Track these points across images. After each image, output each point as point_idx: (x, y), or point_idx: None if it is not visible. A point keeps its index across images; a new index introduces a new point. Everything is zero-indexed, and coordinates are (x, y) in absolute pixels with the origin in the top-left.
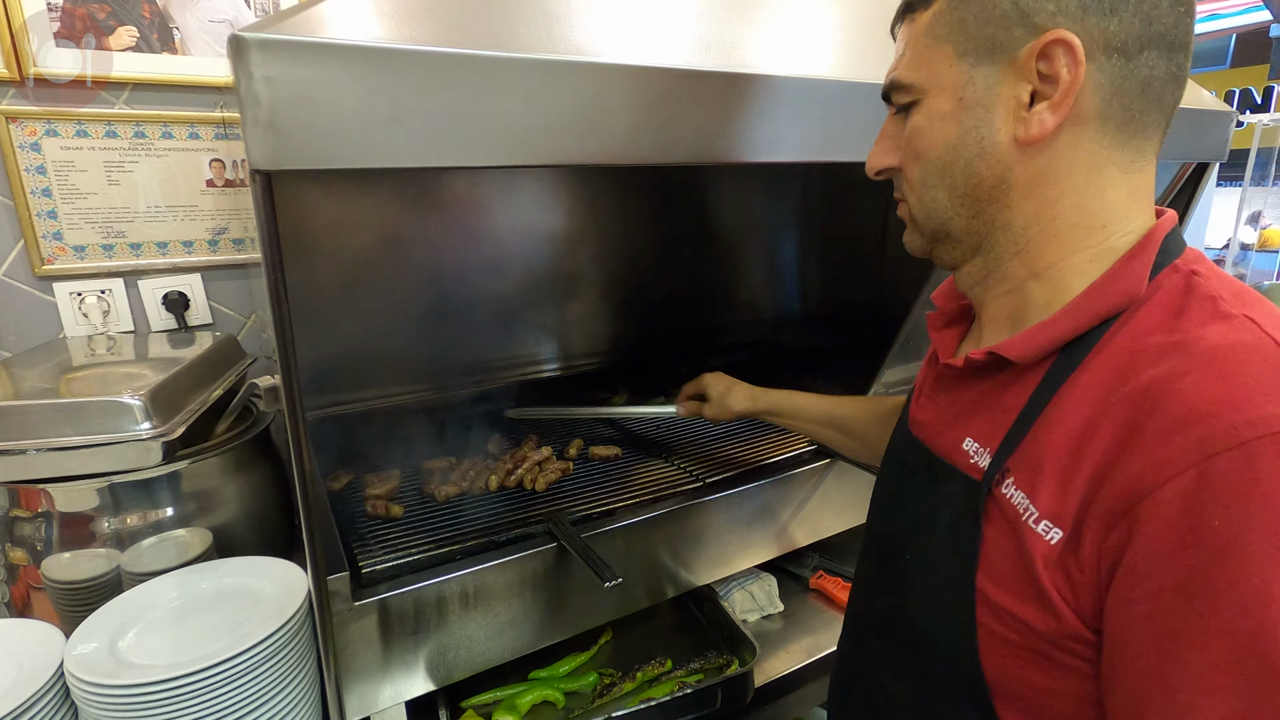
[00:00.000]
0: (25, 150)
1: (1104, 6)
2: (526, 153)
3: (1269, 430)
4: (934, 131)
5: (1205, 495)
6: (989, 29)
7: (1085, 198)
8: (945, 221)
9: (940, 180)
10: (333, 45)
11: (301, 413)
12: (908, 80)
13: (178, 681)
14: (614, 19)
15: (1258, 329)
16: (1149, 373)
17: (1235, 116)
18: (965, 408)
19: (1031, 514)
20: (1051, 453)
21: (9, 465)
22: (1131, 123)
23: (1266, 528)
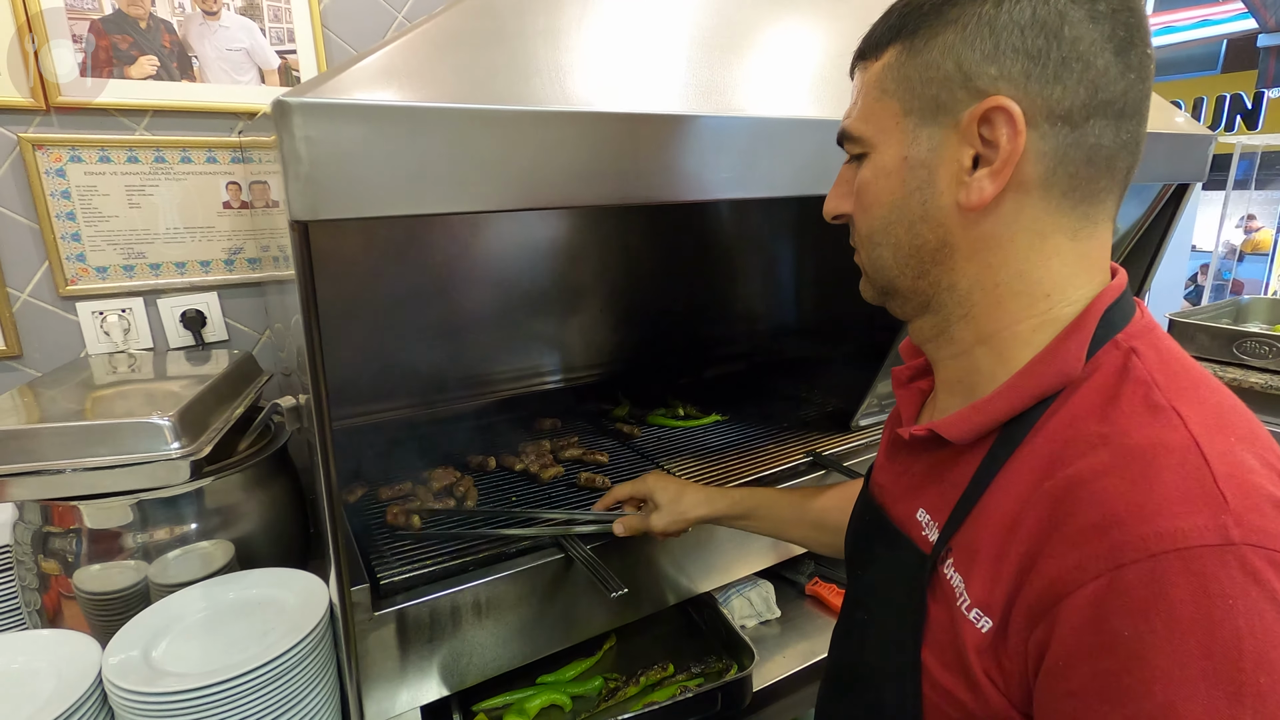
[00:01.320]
0: (50, 176)
1: (1048, 74)
2: (541, 197)
3: (1175, 545)
4: (879, 187)
5: (1115, 604)
6: (933, 89)
7: (1029, 265)
8: (892, 279)
9: (885, 238)
10: (365, 106)
11: (329, 437)
12: (857, 132)
13: (211, 689)
14: (617, 69)
15: (1182, 428)
16: (1074, 466)
17: (1214, 139)
18: (918, 478)
19: (965, 600)
20: (985, 540)
21: (47, 484)
22: (1078, 190)
23: (1170, 645)
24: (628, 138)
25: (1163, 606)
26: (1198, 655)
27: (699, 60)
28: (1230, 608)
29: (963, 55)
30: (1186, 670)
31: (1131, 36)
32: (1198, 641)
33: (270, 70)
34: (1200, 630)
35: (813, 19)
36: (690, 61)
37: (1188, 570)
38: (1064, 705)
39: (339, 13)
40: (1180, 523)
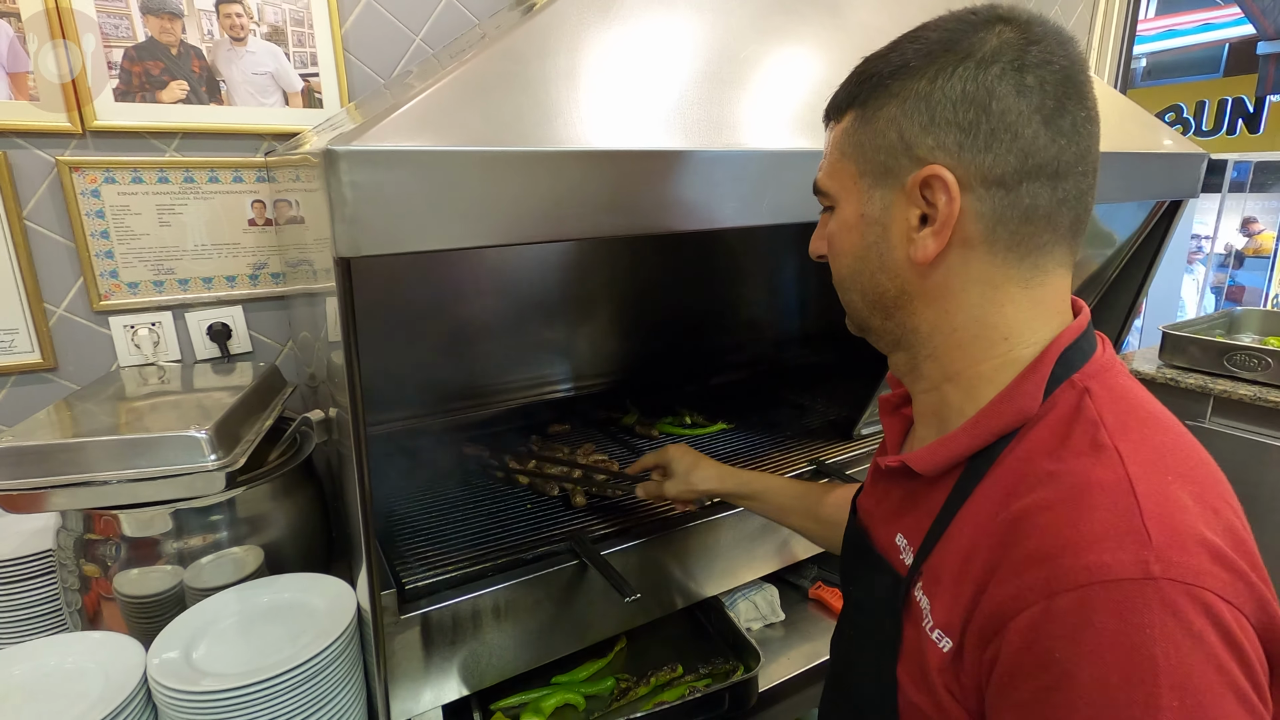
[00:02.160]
0: (86, 196)
1: (979, 144)
2: (565, 230)
3: (1100, 578)
4: (844, 239)
5: (1049, 628)
6: (881, 155)
7: (984, 312)
8: (864, 319)
9: (853, 284)
10: (404, 152)
11: (365, 450)
12: (824, 187)
13: (250, 688)
14: (633, 107)
15: (1120, 466)
16: (1023, 500)
17: (1206, 157)
18: (896, 505)
19: (929, 622)
20: (948, 566)
21: (91, 494)
22: (1022, 245)
23: (1094, 668)
24: (643, 173)
25: (1089, 633)
26: (1117, 679)
27: (707, 96)
28: (1148, 637)
29: (904, 126)
30: (1107, 692)
31: (1062, 105)
32: (1118, 666)
33: (294, 93)
34: (1120, 656)
35: (813, 53)
36: (700, 98)
37: (1111, 601)
38: (1010, 717)
39: (359, 37)
40: (1106, 557)
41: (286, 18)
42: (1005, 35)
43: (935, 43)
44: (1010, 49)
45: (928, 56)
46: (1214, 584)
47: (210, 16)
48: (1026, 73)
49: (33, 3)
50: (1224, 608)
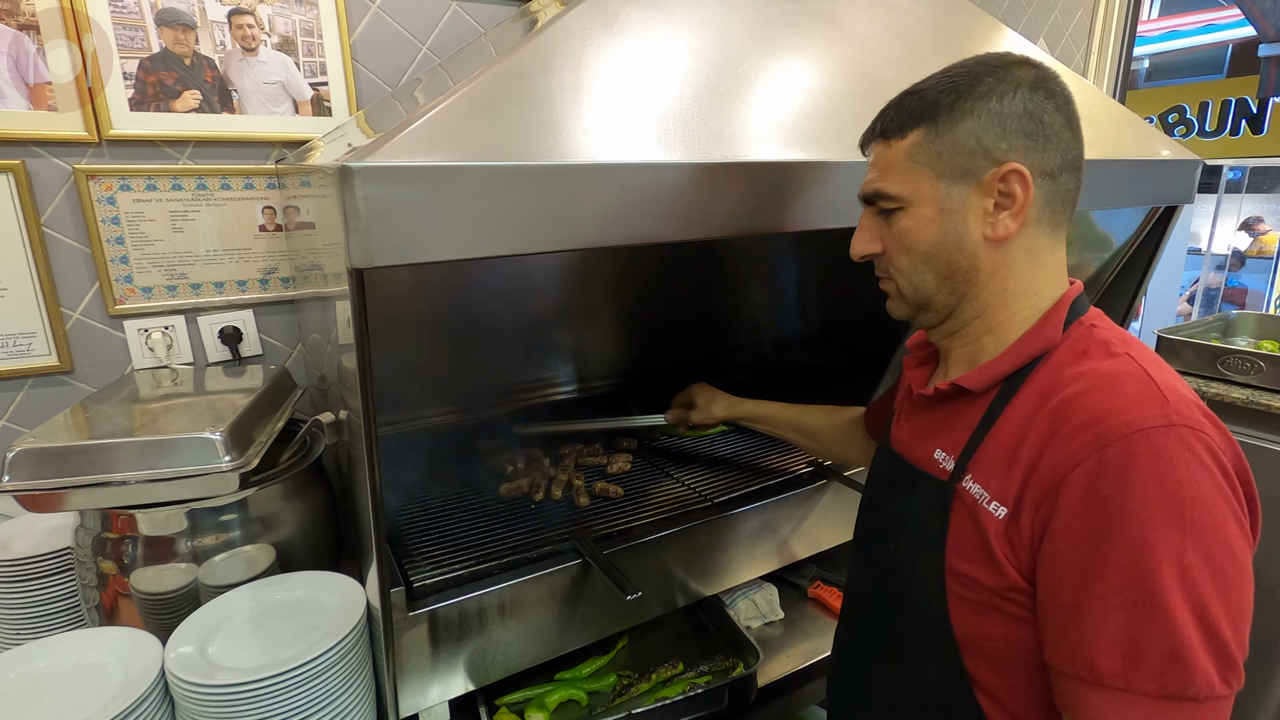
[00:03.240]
0: (102, 203)
1: (1038, 146)
2: (570, 239)
3: (1138, 428)
4: (921, 232)
5: (1101, 473)
6: (960, 160)
7: (1026, 275)
8: (930, 297)
9: (927, 267)
10: (415, 168)
11: (376, 453)
12: (894, 192)
13: (264, 682)
14: (635, 120)
15: (1134, 362)
16: (1063, 394)
17: (1200, 164)
18: (934, 426)
19: (985, 498)
20: (998, 455)
21: (110, 494)
22: (1055, 220)
23: (1138, 495)
24: (645, 185)
25: (1133, 470)
26: (1156, 500)
27: (707, 109)
28: (1175, 466)
29: (981, 136)
30: (1149, 509)
31: (1074, 118)
32: (1155, 490)
33: (304, 101)
34: (1157, 482)
35: (812, 67)
36: (700, 111)
37: (1147, 444)
38: (1065, 557)
39: (368, 47)
40: (1139, 413)
41: (296, 28)
42: (1030, 71)
43: (984, 74)
44: (1041, 80)
45: (985, 84)
46: (1210, 433)
47: (222, 27)
48: (1055, 96)
49: (50, 15)
50: (1220, 451)
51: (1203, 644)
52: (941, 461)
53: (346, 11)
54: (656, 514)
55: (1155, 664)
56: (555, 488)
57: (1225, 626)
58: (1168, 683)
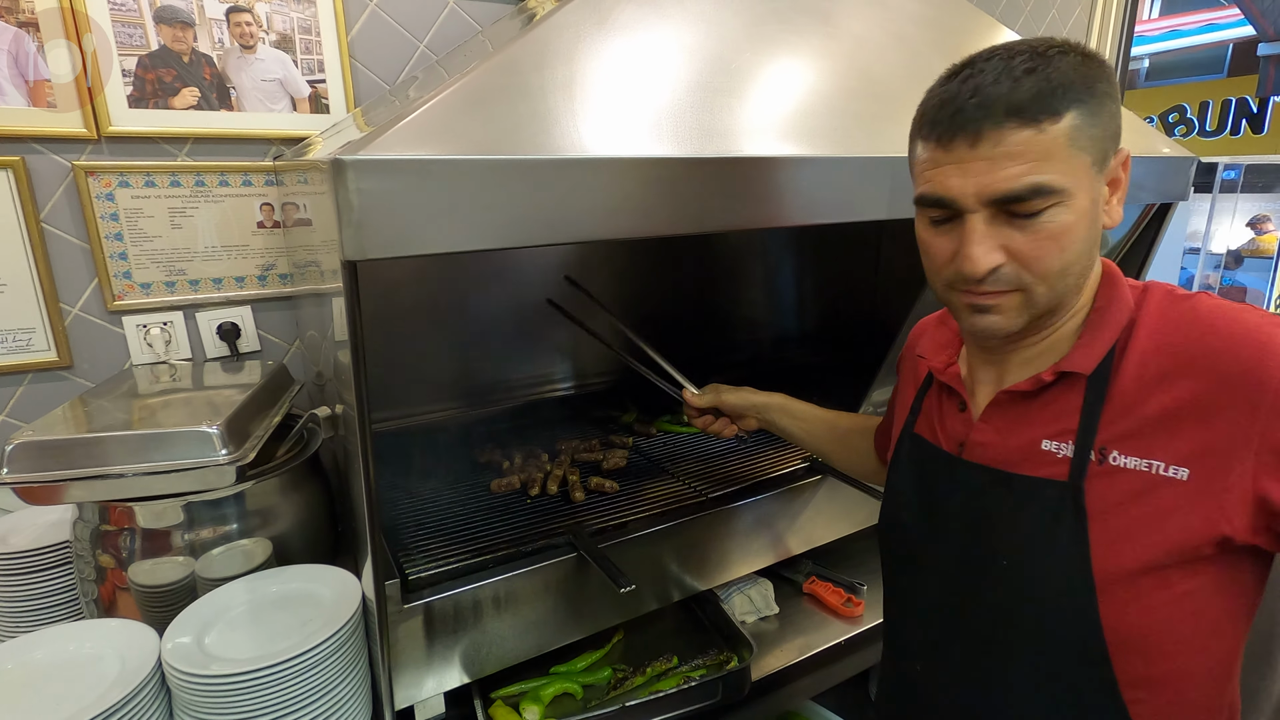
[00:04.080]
0: (101, 200)
1: (1119, 135)
2: (562, 233)
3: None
4: (1080, 226)
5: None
6: (1106, 144)
7: (1095, 257)
8: (1063, 298)
9: (1078, 267)
10: (408, 161)
11: (370, 446)
12: (1059, 185)
13: (259, 673)
14: (628, 115)
15: (1215, 297)
16: (1181, 338)
17: (1195, 161)
18: (1030, 421)
19: (1158, 466)
20: (1146, 426)
21: (107, 487)
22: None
23: None
24: (636, 179)
25: None
26: None
27: (700, 104)
28: None
29: (1118, 119)
30: None
31: None
32: None
33: (302, 98)
34: None
35: (803, 64)
36: (693, 106)
37: None
38: None
39: (365, 45)
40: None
41: (294, 26)
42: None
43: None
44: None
45: (1088, 63)
46: None
47: (221, 25)
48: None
49: (50, 14)
50: None
51: None
52: (1056, 452)
53: (344, 9)
54: (652, 509)
55: None
56: (551, 483)
57: None
58: None
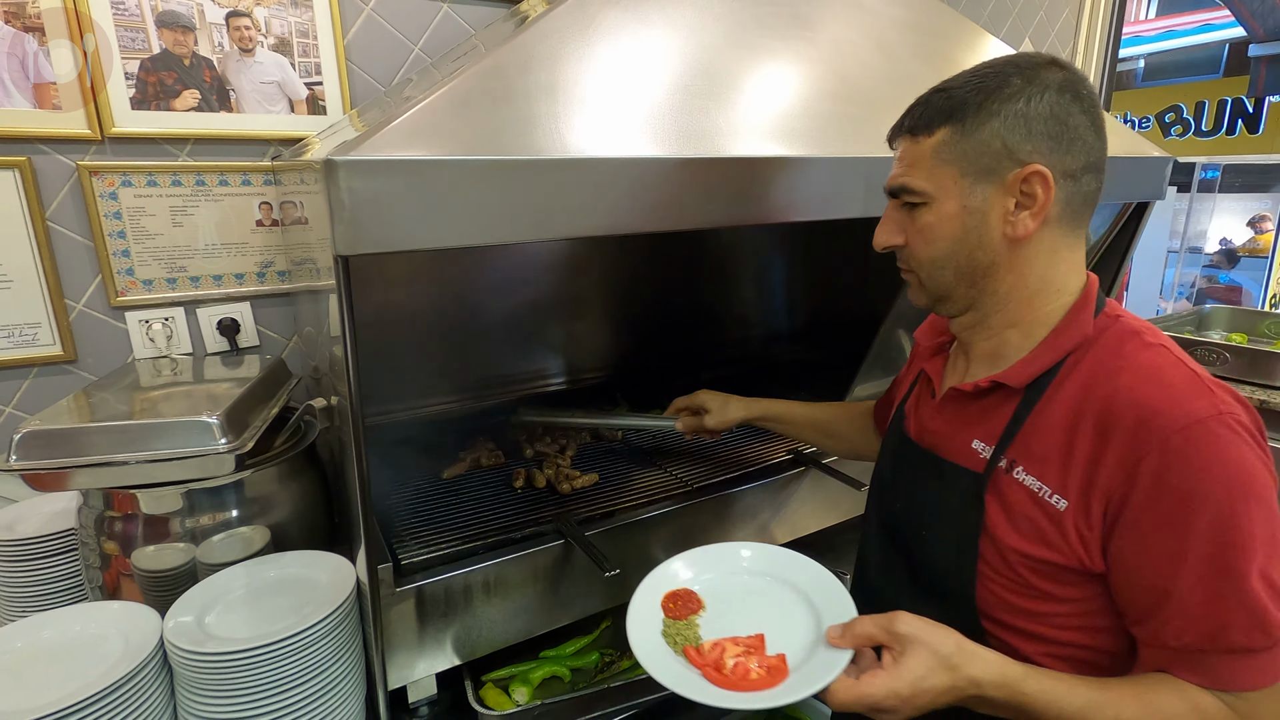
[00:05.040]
0: (104, 199)
1: (1062, 147)
2: (545, 230)
3: (1194, 420)
4: (943, 227)
5: (1168, 466)
6: (985, 160)
7: (1048, 272)
8: (948, 290)
9: (948, 262)
10: (397, 161)
11: (362, 436)
12: (919, 188)
13: (257, 651)
14: (608, 118)
15: (1170, 354)
16: (1109, 386)
17: (1171, 161)
18: (971, 419)
19: (1045, 491)
20: (1051, 449)
21: (111, 474)
22: (1076, 220)
23: (1209, 476)
24: (616, 178)
25: (1196, 460)
26: (1222, 479)
27: (680, 107)
28: (1229, 447)
29: (1006, 137)
30: (1225, 487)
31: (1099, 120)
32: (1221, 470)
33: (299, 100)
34: (1221, 464)
35: (782, 68)
36: (672, 109)
37: (1205, 432)
38: (1145, 543)
39: (361, 48)
40: (1191, 406)
41: (292, 30)
42: (1059, 72)
43: (1012, 75)
44: (1069, 82)
45: (1012, 85)
46: (1241, 414)
47: (221, 29)
48: (1081, 99)
49: (55, 17)
50: (1253, 428)
51: (1273, 600)
52: (980, 452)
53: (340, 14)
54: (638, 499)
55: (1241, 623)
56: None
57: None
58: (1252, 639)
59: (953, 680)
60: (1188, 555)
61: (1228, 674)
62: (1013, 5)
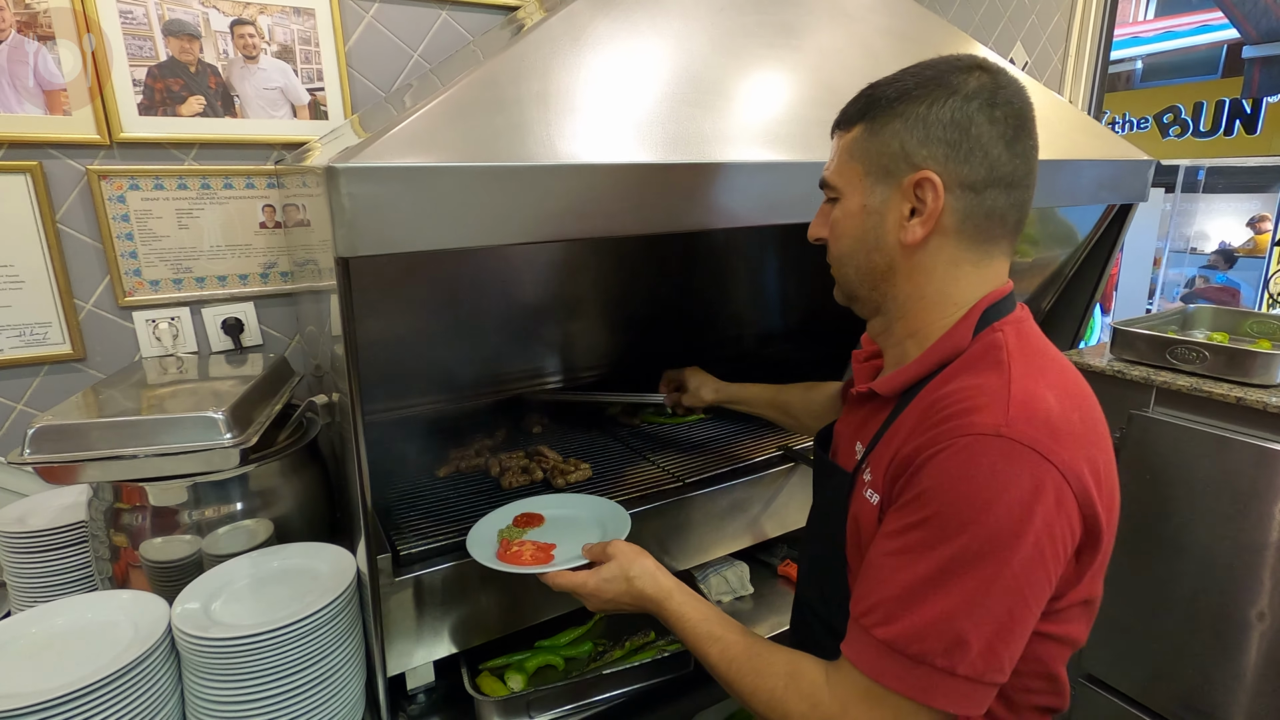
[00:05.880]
0: (113, 202)
1: (960, 157)
2: (536, 233)
3: (971, 433)
4: (846, 224)
5: (928, 466)
6: (885, 160)
7: (945, 284)
8: (854, 289)
9: (849, 261)
10: (394, 168)
11: (361, 431)
12: (832, 182)
13: (261, 636)
14: (598, 125)
15: (1007, 375)
16: (936, 394)
17: (1154, 164)
18: (860, 423)
19: (869, 490)
20: (884, 450)
21: (121, 467)
22: (980, 234)
23: (943, 494)
24: (604, 183)
25: (948, 470)
26: (951, 499)
27: (667, 114)
28: (978, 471)
29: (905, 140)
30: (952, 495)
31: (1017, 134)
32: (951, 491)
33: (302, 106)
34: (958, 484)
35: (768, 75)
36: (661, 116)
37: (969, 448)
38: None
39: (362, 54)
40: (978, 420)
41: (295, 37)
42: (982, 79)
43: (931, 78)
44: (986, 89)
45: (925, 88)
46: (1044, 448)
47: (225, 37)
48: (996, 108)
49: (65, 25)
50: (1046, 467)
51: (903, 604)
52: (857, 454)
53: (342, 21)
54: (631, 493)
55: (874, 603)
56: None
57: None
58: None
59: (626, 588)
60: (894, 538)
61: (846, 639)
62: (1004, 9)
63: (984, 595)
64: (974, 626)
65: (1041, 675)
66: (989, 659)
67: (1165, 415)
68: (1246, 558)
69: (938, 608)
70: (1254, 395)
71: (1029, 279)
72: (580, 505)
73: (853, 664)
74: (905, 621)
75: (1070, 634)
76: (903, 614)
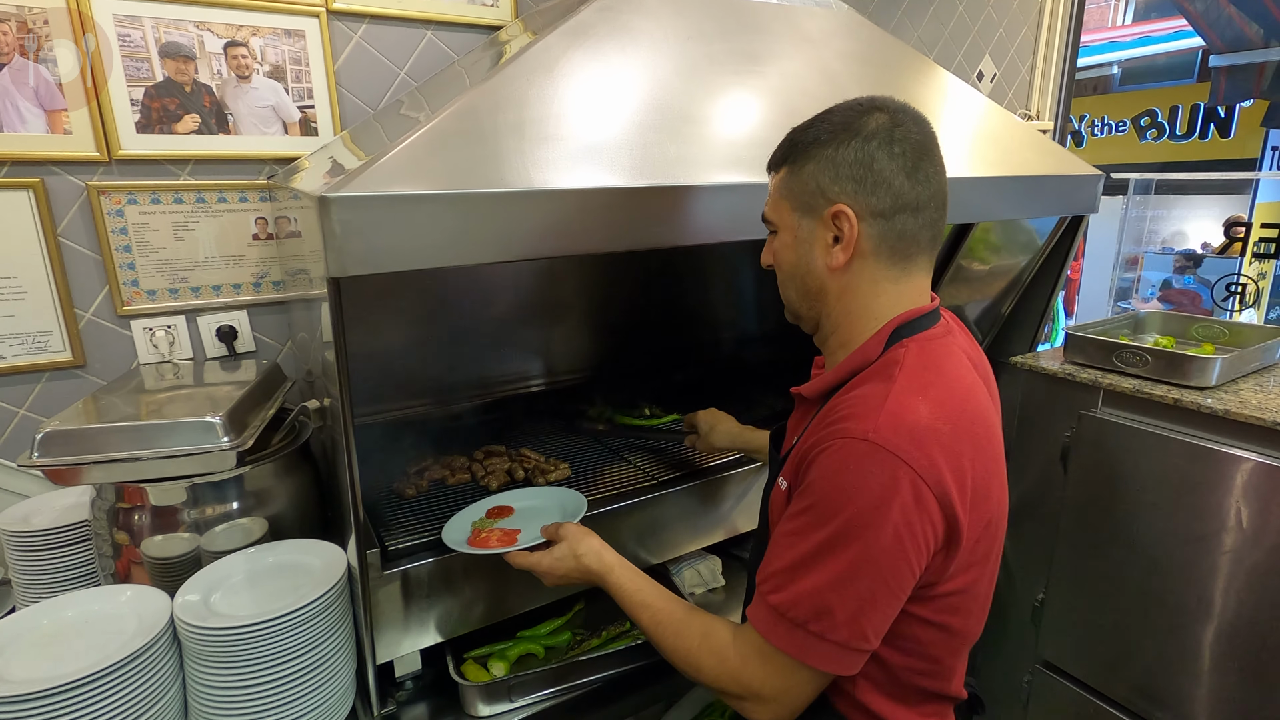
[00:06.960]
0: (111, 215)
1: (866, 190)
2: (512, 252)
3: (844, 436)
4: (784, 253)
5: (826, 461)
6: (806, 197)
7: (869, 301)
8: (796, 308)
9: (790, 284)
10: (382, 197)
11: (352, 434)
12: (769, 217)
13: (257, 626)
14: (570, 152)
15: (891, 387)
16: (834, 401)
17: (1102, 178)
18: (799, 420)
19: (783, 477)
20: (801, 445)
21: (123, 469)
22: (896, 255)
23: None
24: (572, 206)
25: (823, 467)
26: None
27: (634, 141)
28: (846, 471)
29: (819, 179)
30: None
31: (918, 164)
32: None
33: (293, 123)
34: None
35: (732, 102)
36: (628, 143)
37: (841, 450)
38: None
39: (350, 73)
40: (852, 426)
41: (286, 58)
42: (880, 119)
43: (838, 124)
44: (884, 129)
45: (831, 133)
46: (904, 452)
47: (219, 58)
48: (895, 144)
49: (65, 46)
50: (904, 468)
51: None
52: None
53: (331, 42)
54: (607, 490)
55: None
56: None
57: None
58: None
59: (575, 565)
60: (790, 519)
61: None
62: (972, 23)
63: (850, 574)
64: (839, 600)
65: (923, 656)
66: (852, 628)
67: (1112, 416)
68: (1187, 549)
69: (811, 581)
70: (1190, 397)
71: (990, 284)
72: (546, 496)
73: (752, 625)
74: (789, 591)
75: (950, 623)
76: (788, 584)
